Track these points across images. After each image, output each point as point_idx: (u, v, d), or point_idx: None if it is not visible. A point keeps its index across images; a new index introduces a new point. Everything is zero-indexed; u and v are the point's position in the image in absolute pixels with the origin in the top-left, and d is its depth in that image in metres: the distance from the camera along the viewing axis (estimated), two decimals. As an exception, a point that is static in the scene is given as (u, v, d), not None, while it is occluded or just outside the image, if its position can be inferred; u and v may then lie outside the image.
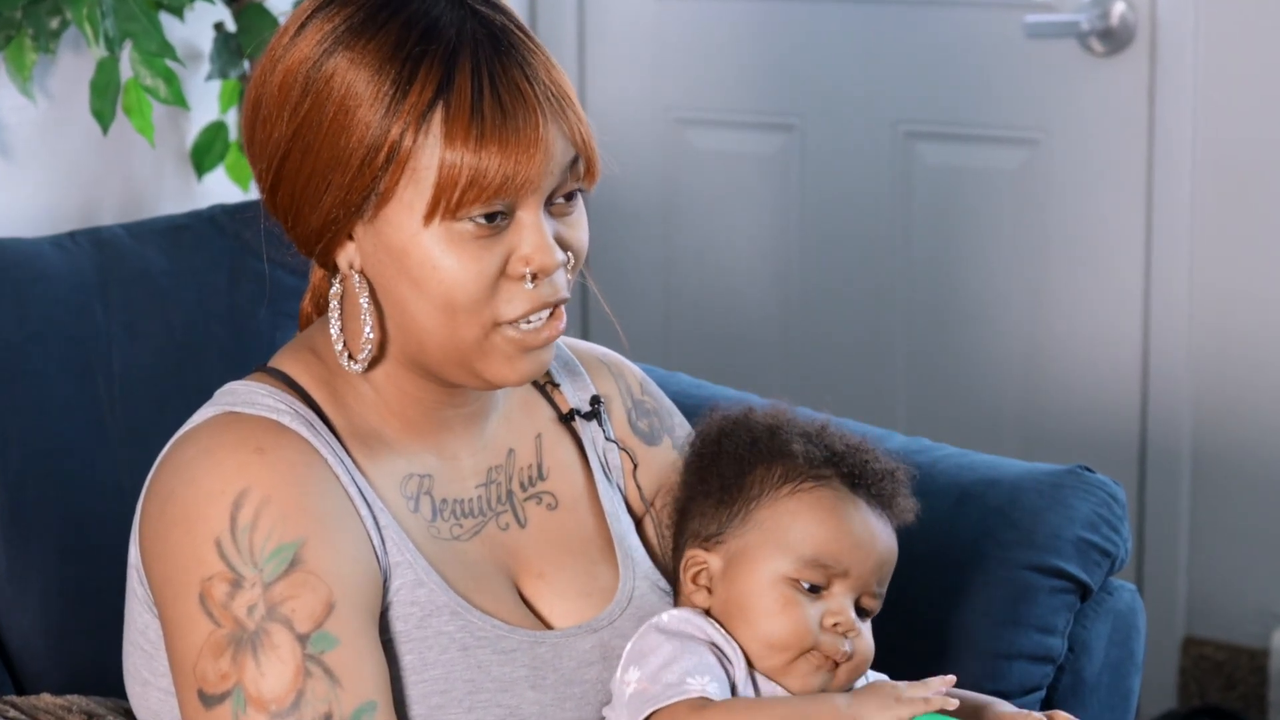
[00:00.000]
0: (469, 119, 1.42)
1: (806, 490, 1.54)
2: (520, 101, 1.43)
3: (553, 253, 1.46)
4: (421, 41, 1.43)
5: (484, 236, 1.44)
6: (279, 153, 1.47)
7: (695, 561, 1.56)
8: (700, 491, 1.58)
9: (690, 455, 1.62)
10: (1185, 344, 2.93)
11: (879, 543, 1.55)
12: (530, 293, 1.46)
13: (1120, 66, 2.89)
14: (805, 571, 1.52)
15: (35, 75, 2.29)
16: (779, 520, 1.54)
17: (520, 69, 1.44)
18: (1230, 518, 2.96)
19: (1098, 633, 1.90)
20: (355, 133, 1.43)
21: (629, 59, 3.26)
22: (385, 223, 1.46)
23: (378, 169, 1.43)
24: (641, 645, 1.52)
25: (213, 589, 1.42)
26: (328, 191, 1.45)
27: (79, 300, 1.97)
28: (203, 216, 2.13)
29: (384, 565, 1.49)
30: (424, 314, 1.46)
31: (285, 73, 1.47)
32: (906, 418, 3.12)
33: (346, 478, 1.50)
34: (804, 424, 1.60)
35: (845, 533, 1.53)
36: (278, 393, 1.52)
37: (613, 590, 1.60)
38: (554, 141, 1.44)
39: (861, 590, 1.54)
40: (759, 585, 1.52)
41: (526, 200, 1.45)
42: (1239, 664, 2.98)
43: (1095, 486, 1.91)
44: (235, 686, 1.40)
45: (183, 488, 1.46)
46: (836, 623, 1.51)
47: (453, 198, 1.42)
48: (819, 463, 1.56)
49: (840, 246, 3.15)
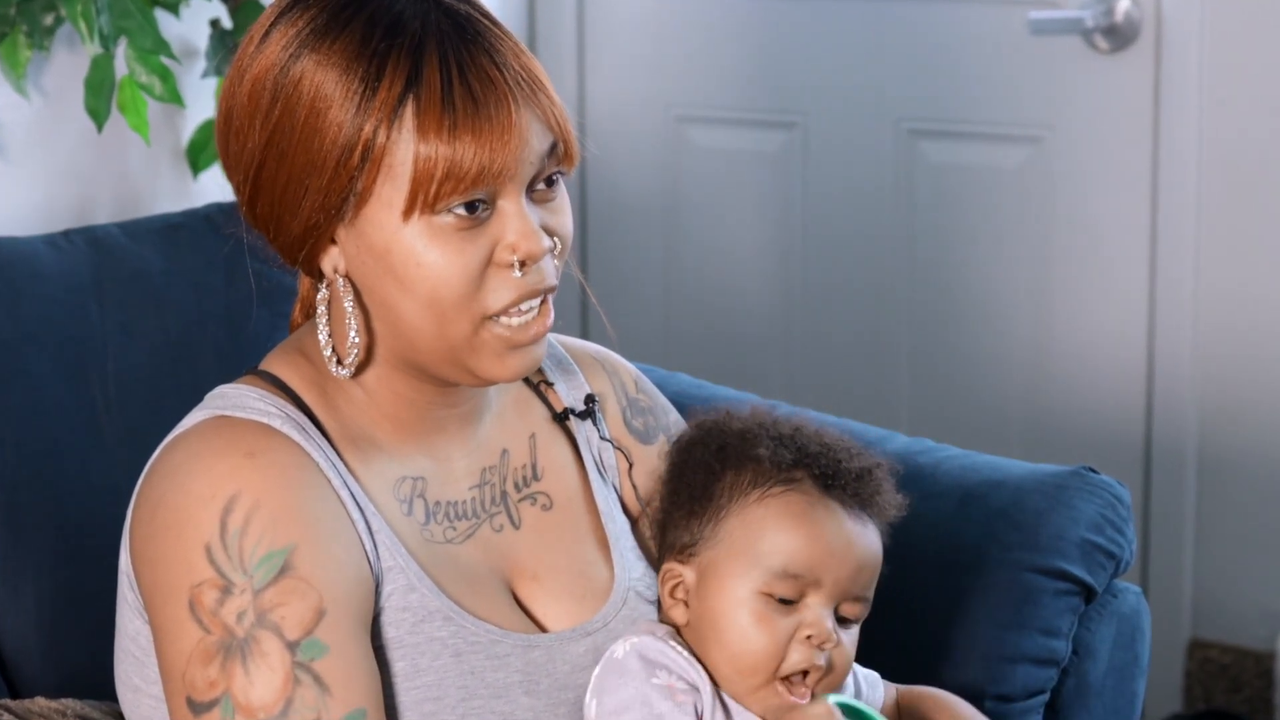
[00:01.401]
0: (440, 110, 1.42)
1: (775, 495, 1.51)
2: (491, 89, 1.43)
3: (539, 238, 1.46)
4: (386, 37, 1.43)
5: (466, 229, 1.44)
6: (254, 163, 1.47)
7: (671, 575, 1.54)
8: (674, 503, 1.56)
9: (666, 465, 1.60)
10: (1191, 343, 2.93)
11: (856, 548, 1.51)
12: (518, 281, 1.46)
13: (1125, 63, 2.90)
14: (776, 584, 1.48)
15: (29, 72, 2.29)
16: (748, 530, 1.50)
17: (488, 56, 1.44)
18: (1236, 519, 2.96)
19: (1102, 635, 1.89)
20: (328, 134, 1.43)
21: (629, 56, 3.26)
22: (366, 223, 1.45)
23: (353, 169, 1.43)
24: (604, 679, 1.49)
25: (202, 595, 1.42)
26: (306, 197, 1.45)
27: (73, 300, 1.97)
28: (199, 215, 2.13)
29: (376, 571, 1.49)
30: (412, 312, 1.46)
31: (253, 81, 1.47)
32: (909, 418, 3.12)
33: (338, 481, 1.49)
34: (779, 426, 1.56)
35: (816, 539, 1.49)
36: (268, 396, 1.51)
37: (608, 591, 1.60)
38: (529, 127, 1.44)
39: (840, 598, 1.50)
40: (729, 603, 1.49)
41: (506, 188, 1.45)
42: (1245, 667, 2.98)
43: (1100, 488, 1.90)
44: (224, 694, 1.40)
45: (173, 493, 1.46)
46: (810, 635, 1.48)
47: (430, 191, 1.42)
48: (788, 465, 1.52)
49: (842, 245, 3.15)
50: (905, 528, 1.87)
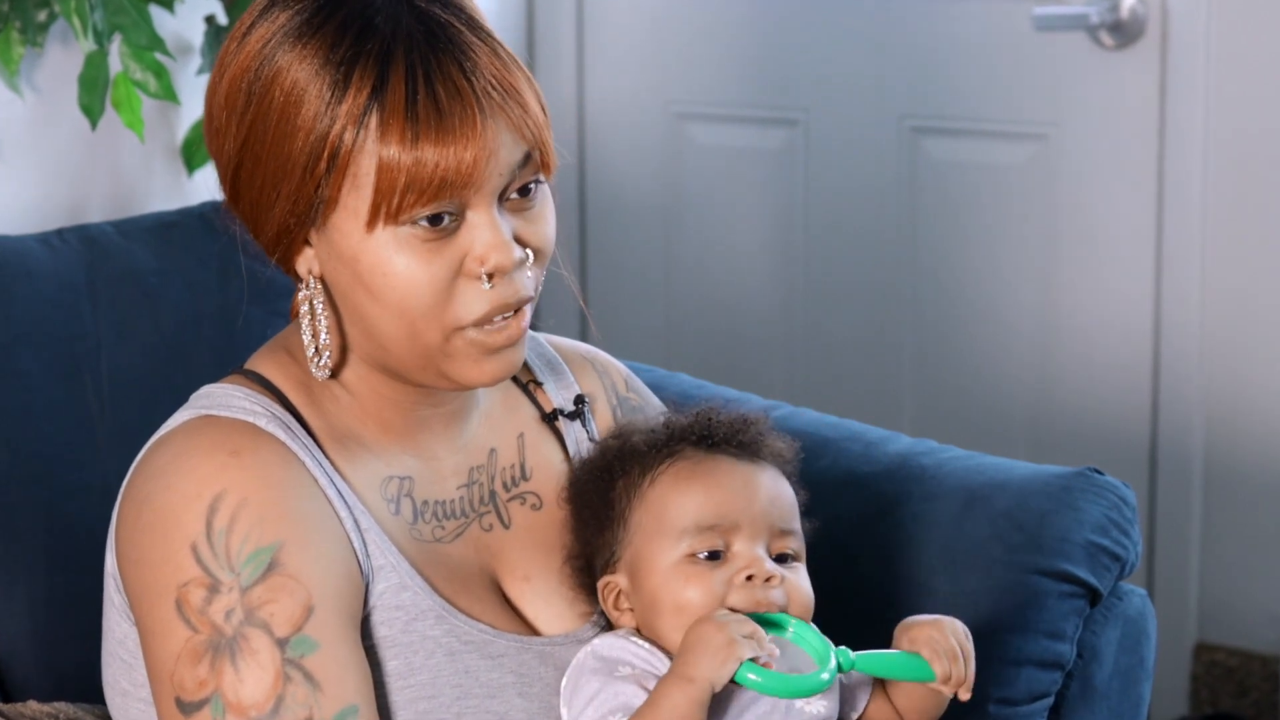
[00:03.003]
0: (404, 119, 1.41)
1: (663, 471, 1.53)
2: (457, 98, 1.41)
3: (509, 250, 1.44)
4: (356, 42, 1.42)
5: (432, 240, 1.43)
6: (232, 164, 1.48)
7: (609, 588, 1.55)
8: (586, 530, 1.57)
9: (567, 509, 1.60)
10: (1197, 341, 2.93)
11: (756, 485, 1.53)
12: (489, 293, 1.45)
13: (1131, 60, 2.90)
14: (696, 543, 1.50)
15: (22, 69, 2.29)
16: (651, 512, 1.53)
17: (457, 64, 1.42)
18: (1243, 520, 2.96)
19: (1108, 639, 1.89)
20: (298, 139, 1.43)
21: (629, 52, 3.26)
22: (334, 230, 1.45)
23: (320, 175, 1.43)
24: (570, 686, 1.51)
25: (189, 594, 1.42)
26: (278, 201, 1.46)
27: (66, 299, 1.97)
28: (193, 213, 2.13)
29: (365, 569, 1.48)
30: (383, 320, 1.46)
31: (230, 81, 1.47)
32: (912, 418, 3.12)
33: (325, 480, 1.49)
34: (651, 420, 1.61)
35: (715, 487, 1.52)
36: (254, 395, 1.51)
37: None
38: (496, 138, 1.42)
39: (765, 536, 1.51)
40: (660, 579, 1.51)
41: (474, 199, 1.43)
42: (1252, 670, 2.98)
43: (1105, 489, 1.90)
44: (214, 693, 1.40)
45: (158, 492, 1.45)
46: (750, 574, 1.49)
47: (393, 201, 1.41)
48: (664, 443, 1.55)
49: (845, 244, 3.15)
50: (908, 529, 1.88)
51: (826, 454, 1.95)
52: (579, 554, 1.58)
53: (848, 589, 1.79)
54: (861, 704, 1.57)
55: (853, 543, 1.89)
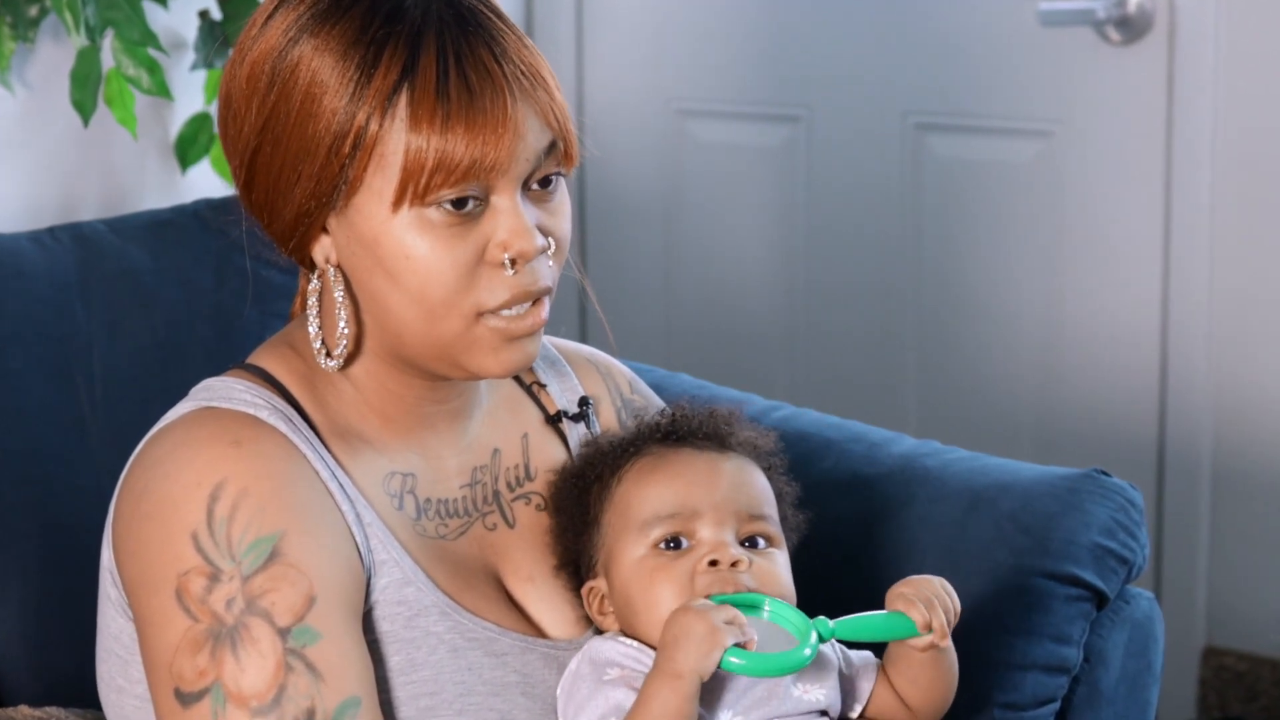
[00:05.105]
0: (434, 101, 1.42)
1: (629, 469, 1.55)
2: (488, 81, 1.43)
3: (532, 237, 1.45)
4: (386, 24, 1.44)
5: (456, 224, 1.44)
6: (250, 147, 1.48)
7: (593, 593, 1.57)
8: (565, 540, 1.59)
9: (549, 522, 1.61)
10: (1205, 342, 2.93)
11: (719, 472, 1.54)
12: (511, 279, 1.46)
13: (1138, 55, 2.90)
14: (657, 533, 1.52)
15: (13, 65, 2.30)
16: (618, 509, 1.55)
17: (488, 48, 1.44)
18: (1252, 523, 2.96)
19: (1115, 642, 1.88)
20: (322, 120, 1.44)
21: (629, 49, 3.27)
22: (356, 212, 1.46)
23: (345, 156, 1.44)
24: (565, 694, 1.52)
25: (189, 583, 1.41)
26: (298, 183, 1.46)
27: (59, 298, 1.97)
28: (187, 211, 2.13)
29: (367, 563, 1.49)
30: (401, 306, 1.46)
31: (252, 65, 1.48)
32: (917, 419, 3.13)
33: (327, 473, 1.50)
34: (622, 430, 1.63)
35: (675, 477, 1.54)
36: (255, 388, 1.52)
37: None
38: (525, 122, 1.44)
39: (732, 521, 1.52)
40: (629, 573, 1.52)
41: (500, 184, 1.45)
42: (1261, 674, 2.99)
43: (1112, 491, 1.90)
44: (214, 683, 1.40)
45: (157, 482, 1.46)
46: (714, 559, 1.49)
47: (420, 182, 1.42)
48: (629, 442, 1.57)
49: (848, 242, 3.15)
50: (912, 531, 1.88)
51: (830, 455, 1.96)
52: (567, 562, 1.59)
53: (850, 591, 1.78)
54: (865, 694, 1.57)
55: (856, 545, 1.89)
